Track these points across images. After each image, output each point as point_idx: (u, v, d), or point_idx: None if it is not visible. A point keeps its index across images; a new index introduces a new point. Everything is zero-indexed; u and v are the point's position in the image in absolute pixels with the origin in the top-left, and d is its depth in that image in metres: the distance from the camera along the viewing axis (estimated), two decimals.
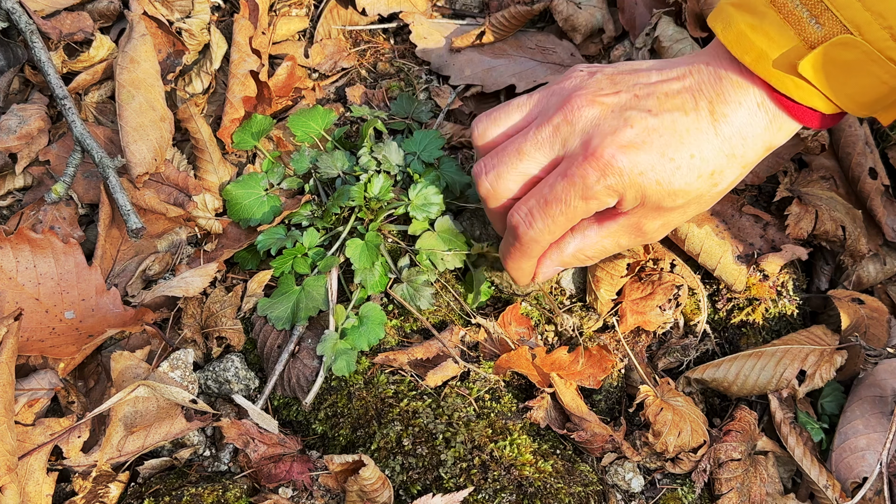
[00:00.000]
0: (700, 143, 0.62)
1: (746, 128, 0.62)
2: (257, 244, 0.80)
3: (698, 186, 0.63)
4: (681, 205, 0.64)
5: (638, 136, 0.61)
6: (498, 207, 0.69)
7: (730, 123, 0.62)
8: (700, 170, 0.62)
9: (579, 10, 0.98)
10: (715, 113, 0.62)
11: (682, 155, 0.61)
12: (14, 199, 0.87)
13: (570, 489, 0.66)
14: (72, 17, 0.91)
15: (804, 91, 0.59)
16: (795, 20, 0.57)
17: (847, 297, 0.79)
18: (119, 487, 0.69)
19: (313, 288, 0.76)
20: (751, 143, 0.62)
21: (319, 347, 0.74)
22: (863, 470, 0.71)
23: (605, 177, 0.62)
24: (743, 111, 0.61)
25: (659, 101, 0.63)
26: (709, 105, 0.62)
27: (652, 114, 0.62)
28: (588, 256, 0.70)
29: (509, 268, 0.71)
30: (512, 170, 0.67)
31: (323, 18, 1.00)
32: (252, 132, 0.88)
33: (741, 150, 0.62)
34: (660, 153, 0.61)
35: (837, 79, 0.58)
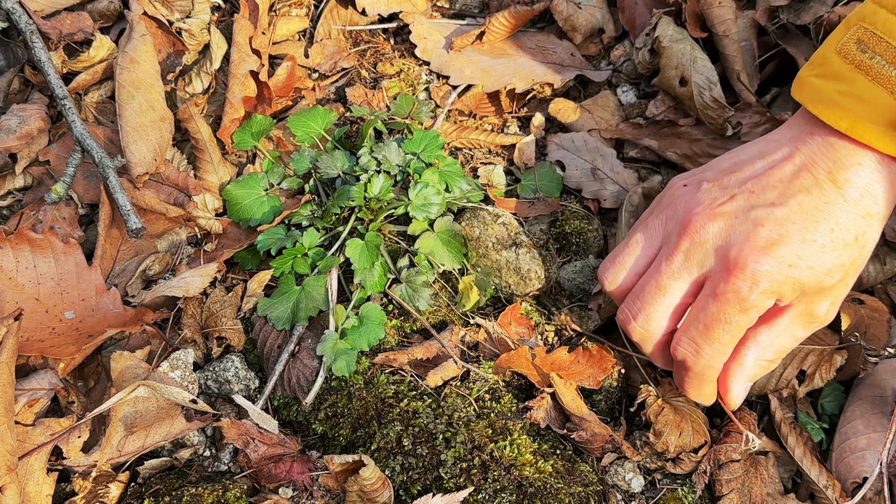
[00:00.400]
0: (835, 215, 0.60)
1: (873, 185, 0.61)
2: (257, 244, 0.80)
3: (849, 255, 0.61)
4: (840, 279, 0.62)
5: (773, 231, 0.60)
6: (656, 346, 0.68)
7: (855, 186, 0.61)
8: (844, 239, 0.61)
9: (579, 10, 0.98)
10: (837, 182, 0.61)
11: (821, 233, 0.60)
12: (14, 199, 0.87)
13: (570, 489, 0.67)
14: (72, 18, 0.91)
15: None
16: (885, 80, 0.57)
17: (847, 297, 0.79)
18: (119, 487, 0.69)
19: (313, 288, 0.76)
20: (881, 198, 0.61)
21: (319, 347, 0.74)
22: (863, 470, 0.71)
23: (756, 284, 0.60)
24: (865, 171, 0.61)
25: (778, 190, 0.62)
26: (828, 176, 0.61)
27: (776, 205, 0.61)
28: (770, 360, 0.67)
29: (691, 397, 0.69)
30: (658, 307, 0.65)
31: (323, 18, 1.00)
32: (252, 132, 0.88)
33: (875, 208, 0.61)
34: (800, 240, 0.60)
35: None
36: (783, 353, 0.67)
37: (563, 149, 0.91)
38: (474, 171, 0.90)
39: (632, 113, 0.95)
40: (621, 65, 0.97)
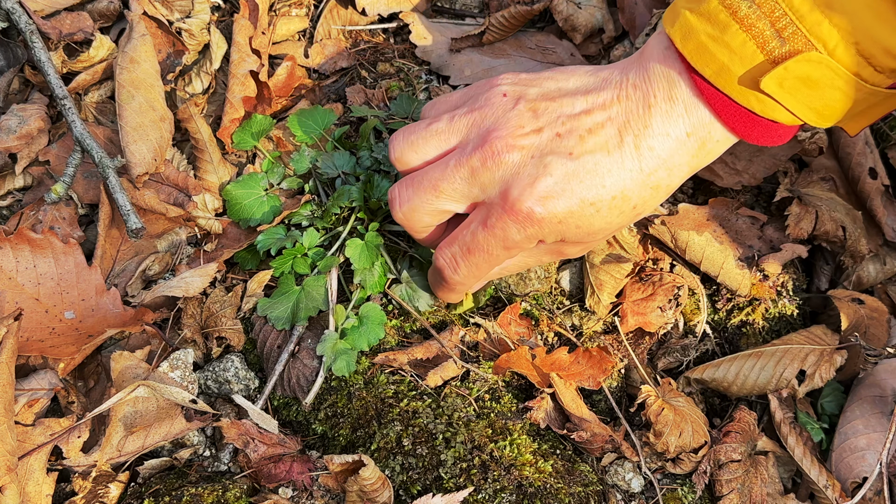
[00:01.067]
0: (623, 182, 0.61)
1: (673, 157, 0.61)
2: (257, 244, 0.80)
3: (619, 220, 0.63)
4: (602, 235, 0.65)
5: (557, 184, 0.61)
6: (417, 236, 0.71)
7: (656, 157, 0.60)
8: (621, 207, 0.62)
9: (579, 9, 0.98)
10: (640, 147, 0.60)
11: (602, 197, 0.61)
12: (14, 200, 0.87)
13: (570, 489, 0.66)
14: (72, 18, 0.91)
15: (766, 105, 0.57)
16: (758, 34, 0.55)
17: (847, 297, 0.79)
18: (119, 487, 0.69)
19: (313, 288, 0.76)
20: (676, 171, 0.62)
21: (319, 347, 0.74)
22: (863, 470, 0.71)
23: (524, 229, 0.62)
24: (670, 142, 0.60)
25: (581, 139, 0.61)
26: (634, 139, 0.60)
27: (572, 157, 0.61)
28: (509, 271, 0.72)
29: (440, 297, 0.75)
30: (427, 205, 0.66)
31: (323, 18, 1.00)
32: (252, 132, 0.88)
33: (666, 181, 0.62)
34: (580, 200, 0.61)
35: (802, 94, 0.56)
36: (525, 267, 0.72)
37: None
38: None
39: None
40: None
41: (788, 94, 0.56)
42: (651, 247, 0.80)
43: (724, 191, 0.85)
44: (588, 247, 0.69)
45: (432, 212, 0.66)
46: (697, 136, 0.60)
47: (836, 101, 0.57)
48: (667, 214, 0.81)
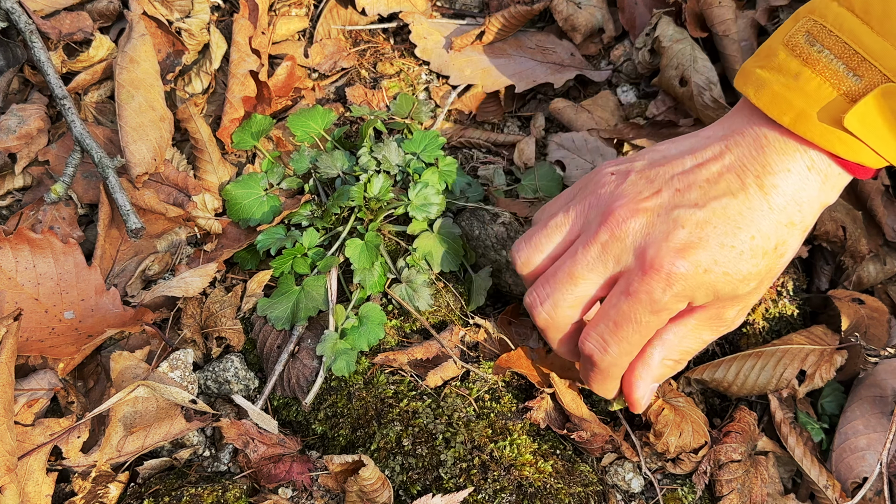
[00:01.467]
0: (757, 222, 0.59)
1: (800, 193, 0.59)
2: (257, 244, 0.79)
3: (766, 264, 0.60)
4: (755, 287, 0.62)
5: (692, 234, 0.59)
6: (562, 336, 0.67)
7: (782, 194, 0.59)
8: (763, 248, 0.60)
9: (579, 9, 0.98)
10: (764, 187, 0.59)
11: (741, 240, 0.59)
12: (13, 199, 0.87)
13: (570, 489, 0.66)
14: (71, 17, 0.91)
15: (850, 146, 0.57)
16: (832, 74, 0.56)
17: (847, 297, 0.79)
18: (118, 488, 0.69)
19: (313, 288, 0.76)
20: (807, 207, 0.60)
21: (319, 347, 0.74)
22: (863, 470, 0.71)
23: (670, 286, 0.59)
24: (793, 178, 0.59)
25: (703, 190, 0.60)
26: (756, 180, 0.59)
27: (699, 206, 0.60)
28: (675, 360, 0.66)
29: (595, 391, 0.68)
30: (568, 296, 0.64)
31: (323, 18, 1.00)
32: (252, 132, 0.88)
33: (799, 217, 0.60)
34: (719, 245, 0.59)
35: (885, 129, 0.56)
36: (689, 354, 0.66)
37: (564, 148, 0.91)
38: (474, 171, 0.90)
39: (632, 113, 0.94)
40: (621, 65, 0.97)
41: (870, 131, 0.56)
42: None
43: None
44: (745, 306, 0.64)
45: (574, 302, 0.64)
46: (818, 169, 0.59)
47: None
48: None
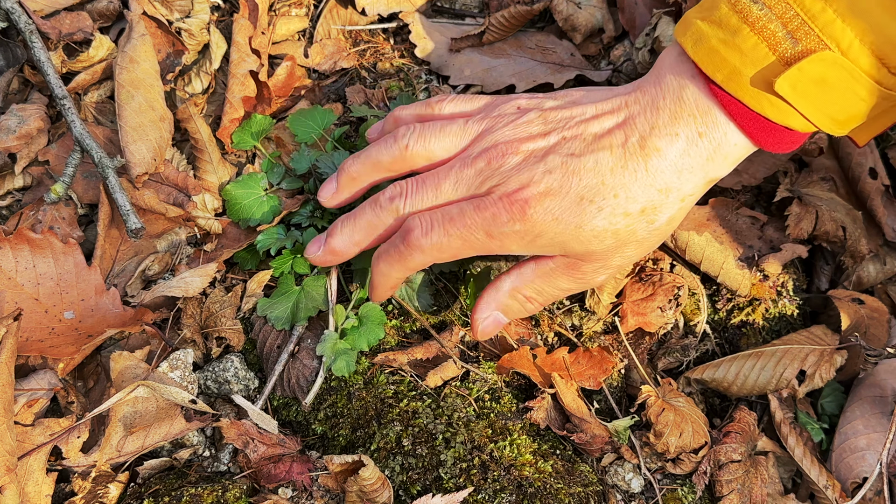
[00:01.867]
0: (625, 181, 0.59)
1: (682, 160, 0.59)
2: (257, 244, 0.79)
3: (627, 224, 0.60)
4: (611, 246, 0.61)
5: (555, 181, 0.60)
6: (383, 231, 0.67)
7: (663, 157, 0.59)
8: (626, 208, 0.59)
9: (579, 9, 0.98)
10: (646, 147, 0.59)
11: (603, 195, 0.59)
12: (13, 200, 0.87)
13: (569, 489, 0.66)
14: (71, 17, 0.91)
15: (780, 110, 0.56)
16: (770, 35, 0.54)
17: (847, 297, 0.79)
18: (118, 488, 0.69)
19: (313, 288, 0.76)
20: (687, 176, 0.59)
21: (319, 348, 0.74)
22: (863, 470, 0.71)
23: (513, 221, 0.60)
24: (679, 143, 0.59)
25: (585, 143, 0.61)
26: (639, 140, 0.59)
27: (574, 156, 0.60)
28: (526, 297, 0.67)
29: (378, 270, 0.67)
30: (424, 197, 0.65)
31: (322, 18, 1.00)
32: (252, 132, 0.87)
33: (676, 184, 0.59)
34: (578, 197, 0.59)
35: (816, 98, 0.55)
36: (544, 297, 0.66)
37: None
38: None
39: None
40: (621, 65, 0.97)
41: (802, 97, 0.55)
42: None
43: (724, 191, 0.85)
44: (607, 266, 0.64)
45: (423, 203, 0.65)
46: (711, 137, 0.58)
47: (851, 105, 0.55)
48: None
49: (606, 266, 0.64)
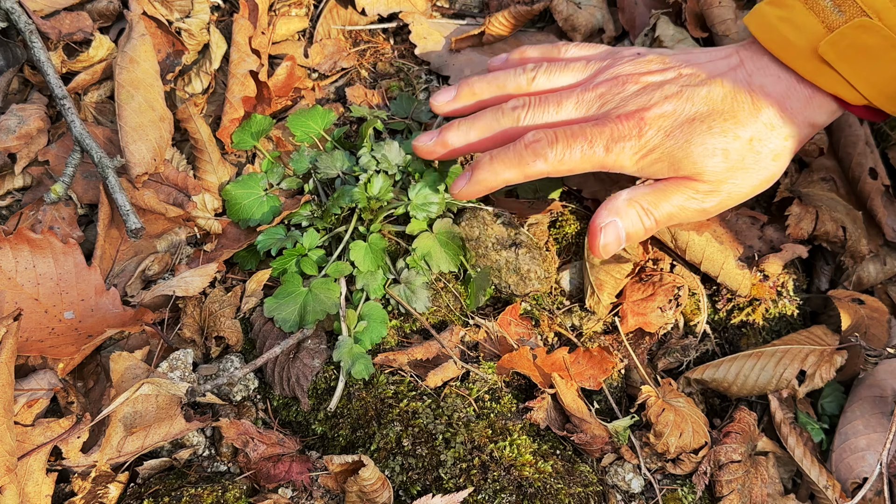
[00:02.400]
0: (735, 110, 0.65)
1: (785, 100, 0.65)
2: (257, 244, 0.79)
3: (736, 149, 0.65)
4: (721, 167, 0.65)
5: (671, 106, 0.66)
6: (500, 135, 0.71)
7: (767, 95, 0.65)
8: (735, 132, 0.65)
9: (579, 9, 0.98)
10: (752, 84, 0.65)
11: (714, 118, 0.65)
12: (13, 200, 0.87)
13: (570, 490, 0.66)
14: (71, 17, 0.91)
15: (827, 77, 0.62)
16: (820, 9, 0.61)
17: (847, 297, 0.79)
18: (118, 488, 0.69)
19: (321, 291, 0.75)
20: (789, 115, 0.65)
21: (336, 353, 0.73)
22: (863, 470, 0.71)
23: (630, 136, 0.66)
24: (782, 84, 0.65)
25: (699, 78, 0.67)
26: (748, 77, 0.66)
27: (689, 86, 0.66)
28: (644, 209, 0.68)
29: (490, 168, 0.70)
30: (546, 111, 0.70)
31: (322, 18, 1.00)
32: (251, 132, 0.87)
33: (779, 121, 0.65)
34: (690, 118, 0.65)
35: (858, 64, 0.60)
36: (660, 211, 0.68)
37: None
38: None
39: None
40: None
41: (845, 62, 0.61)
42: (651, 247, 0.80)
43: None
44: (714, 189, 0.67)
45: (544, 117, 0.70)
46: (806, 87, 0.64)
47: (893, 76, 0.60)
48: None
49: (717, 190, 0.67)
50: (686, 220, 0.70)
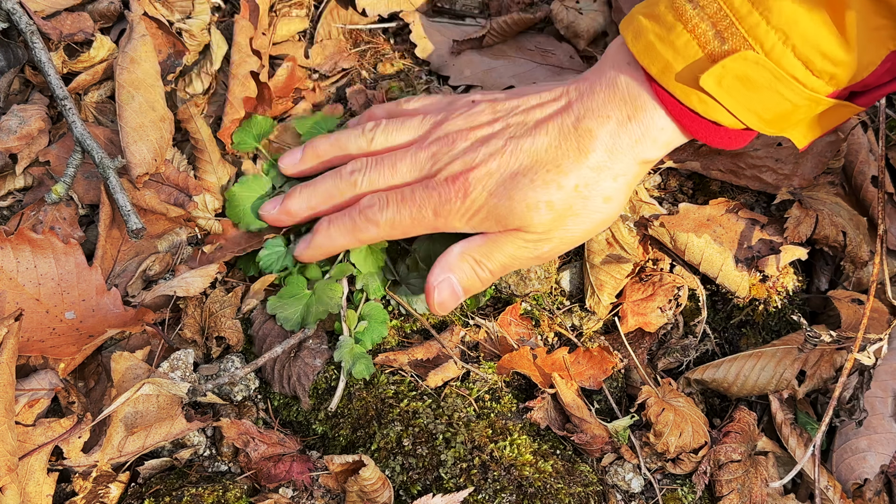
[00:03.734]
0: (559, 158, 0.64)
1: (612, 140, 0.63)
2: (259, 261, 0.79)
3: (561, 198, 0.64)
4: (550, 219, 0.65)
5: (495, 163, 0.66)
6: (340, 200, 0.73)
7: (594, 137, 0.63)
8: (559, 182, 0.64)
9: (580, 15, 0.97)
10: (580, 128, 0.64)
11: (536, 170, 0.64)
12: (14, 200, 0.87)
13: (570, 489, 0.67)
14: (72, 18, 0.91)
15: (707, 105, 0.59)
16: (701, 34, 0.57)
17: (847, 298, 0.79)
18: (119, 488, 0.69)
19: (324, 292, 0.75)
20: (618, 155, 0.64)
21: (337, 354, 0.73)
22: (864, 471, 0.71)
23: (456, 198, 0.66)
24: (610, 125, 0.63)
25: (526, 127, 0.67)
26: (574, 122, 0.64)
27: (514, 139, 0.66)
28: (476, 260, 0.69)
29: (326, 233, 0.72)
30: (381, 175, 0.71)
31: (323, 19, 1.00)
32: (252, 133, 0.87)
33: (607, 163, 0.64)
34: (512, 173, 0.65)
35: (740, 94, 0.58)
36: (494, 262, 0.69)
37: None
38: None
39: None
40: None
41: (727, 93, 0.58)
42: (651, 247, 0.80)
43: (724, 191, 0.86)
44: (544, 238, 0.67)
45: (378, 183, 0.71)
46: (639, 121, 0.63)
47: (776, 105, 0.58)
48: (667, 214, 0.81)
49: (549, 238, 0.68)
50: (523, 266, 0.73)
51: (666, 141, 0.64)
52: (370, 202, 0.70)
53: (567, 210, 0.65)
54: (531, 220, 0.65)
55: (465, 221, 0.68)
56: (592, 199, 0.65)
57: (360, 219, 0.70)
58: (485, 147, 0.67)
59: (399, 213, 0.69)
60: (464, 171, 0.67)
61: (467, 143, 0.69)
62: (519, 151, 0.66)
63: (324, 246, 0.73)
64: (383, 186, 0.71)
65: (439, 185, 0.67)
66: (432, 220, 0.68)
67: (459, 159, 0.68)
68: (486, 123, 0.69)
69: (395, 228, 0.69)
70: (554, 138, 0.65)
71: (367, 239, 0.72)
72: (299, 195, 0.75)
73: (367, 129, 0.75)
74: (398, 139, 0.74)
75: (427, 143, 0.71)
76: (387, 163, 0.71)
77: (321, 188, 0.75)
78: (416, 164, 0.70)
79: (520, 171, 0.65)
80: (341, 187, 0.73)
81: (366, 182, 0.72)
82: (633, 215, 0.80)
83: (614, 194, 0.66)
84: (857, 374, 0.75)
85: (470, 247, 0.69)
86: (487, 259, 0.69)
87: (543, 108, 0.67)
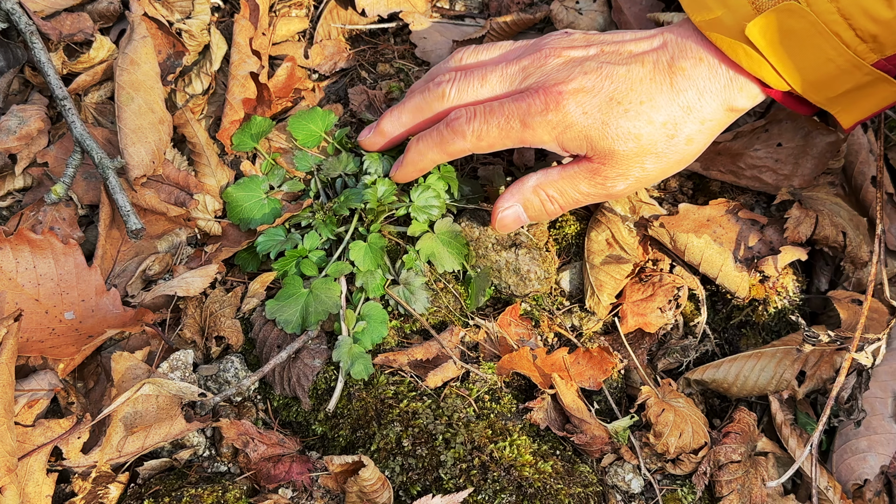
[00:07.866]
0: (652, 91, 0.65)
1: (703, 82, 0.64)
2: (257, 246, 0.79)
3: (649, 133, 0.65)
4: (633, 151, 0.66)
5: (590, 82, 0.65)
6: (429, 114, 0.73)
7: (686, 77, 0.64)
8: (650, 116, 0.65)
9: (580, 15, 0.97)
10: (673, 66, 0.65)
11: (630, 100, 0.65)
12: (14, 200, 0.87)
13: (569, 490, 0.66)
14: (72, 18, 0.91)
15: (753, 60, 0.61)
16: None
17: (847, 298, 0.79)
18: (118, 488, 0.69)
19: (322, 291, 0.75)
20: (708, 98, 0.65)
21: (335, 354, 0.73)
22: (864, 471, 0.71)
23: (547, 111, 0.65)
24: (703, 67, 0.64)
25: (621, 56, 0.67)
26: (669, 60, 0.65)
27: (610, 64, 0.66)
28: (548, 196, 0.71)
29: (416, 149, 0.73)
30: (470, 86, 0.71)
31: (323, 19, 1.00)
32: (252, 134, 0.87)
33: (697, 104, 0.65)
34: (608, 97, 0.65)
35: (784, 48, 0.60)
36: (565, 199, 0.71)
37: None
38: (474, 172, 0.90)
39: None
40: None
41: (770, 45, 0.60)
42: (651, 247, 0.80)
43: (724, 192, 0.85)
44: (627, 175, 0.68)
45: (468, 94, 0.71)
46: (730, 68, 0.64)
47: (818, 64, 0.60)
48: (666, 215, 0.81)
49: (626, 175, 0.68)
50: (592, 202, 0.73)
51: (752, 92, 0.65)
52: (457, 114, 0.69)
53: (651, 146, 0.65)
54: (618, 148, 0.65)
55: (555, 136, 0.67)
56: (676, 139, 0.66)
57: (447, 131, 0.70)
58: (580, 66, 0.67)
59: (487, 124, 0.68)
60: (557, 83, 0.66)
61: (560, 60, 0.68)
62: (615, 76, 0.65)
63: (415, 162, 0.74)
64: (472, 99, 0.71)
65: (530, 95, 0.67)
66: (519, 131, 0.67)
67: (553, 74, 0.67)
68: (580, 46, 0.69)
69: (482, 140, 0.69)
70: (649, 71, 0.65)
71: (456, 151, 0.71)
72: (390, 115, 0.76)
73: (457, 54, 0.76)
74: (488, 56, 0.74)
75: (517, 57, 0.71)
76: (476, 74, 0.71)
77: (410, 103, 0.75)
78: (507, 77, 0.70)
79: (615, 97, 0.65)
80: (429, 99, 0.73)
81: (454, 93, 0.71)
82: (633, 216, 0.80)
83: (697, 136, 0.66)
84: (856, 374, 0.75)
85: (546, 180, 0.70)
86: (560, 195, 0.70)
87: (639, 44, 0.68)
